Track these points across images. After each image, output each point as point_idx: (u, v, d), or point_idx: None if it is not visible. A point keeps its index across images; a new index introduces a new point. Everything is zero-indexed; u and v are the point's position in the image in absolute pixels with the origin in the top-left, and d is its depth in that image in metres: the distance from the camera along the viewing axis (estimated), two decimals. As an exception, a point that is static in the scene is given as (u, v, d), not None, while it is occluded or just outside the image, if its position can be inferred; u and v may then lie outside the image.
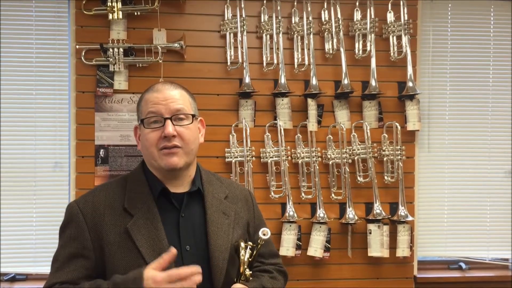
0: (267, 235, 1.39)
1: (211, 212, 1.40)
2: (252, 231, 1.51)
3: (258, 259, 1.50)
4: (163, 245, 1.30)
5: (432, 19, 2.68)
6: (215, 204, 1.42)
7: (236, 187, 1.57)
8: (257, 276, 1.46)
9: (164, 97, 1.35)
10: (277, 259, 1.60)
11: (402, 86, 2.55)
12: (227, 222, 1.42)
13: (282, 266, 1.59)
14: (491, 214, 2.71)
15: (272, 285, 1.45)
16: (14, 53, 2.46)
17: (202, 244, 1.36)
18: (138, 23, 2.43)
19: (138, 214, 1.33)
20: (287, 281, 1.59)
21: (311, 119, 2.46)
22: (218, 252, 1.35)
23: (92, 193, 1.41)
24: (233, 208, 1.47)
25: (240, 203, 1.51)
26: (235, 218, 1.45)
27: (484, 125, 2.71)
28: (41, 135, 2.48)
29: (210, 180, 1.48)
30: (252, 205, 1.57)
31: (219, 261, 1.34)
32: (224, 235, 1.38)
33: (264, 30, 2.48)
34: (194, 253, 1.34)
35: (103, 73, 2.39)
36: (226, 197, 1.47)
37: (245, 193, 1.57)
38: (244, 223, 1.49)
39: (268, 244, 1.54)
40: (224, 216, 1.42)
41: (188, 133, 1.36)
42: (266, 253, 1.54)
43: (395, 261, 2.52)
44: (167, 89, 1.37)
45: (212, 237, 1.36)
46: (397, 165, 2.49)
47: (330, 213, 2.48)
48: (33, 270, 2.46)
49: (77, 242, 1.32)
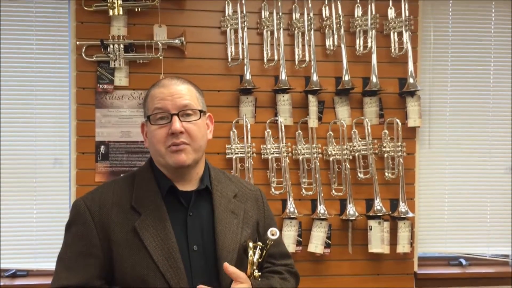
0: (276, 235, 1.33)
1: (219, 211, 1.36)
2: (262, 231, 1.46)
3: (268, 259, 1.46)
4: (171, 244, 1.27)
5: (433, 15, 2.67)
6: (224, 203, 1.39)
7: (246, 185, 1.53)
8: (267, 277, 1.41)
9: (171, 93, 1.32)
10: (288, 260, 1.54)
11: (403, 82, 2.54)
12: (236, 221, 1.38)
13: (294, 267, 1.54)
14: (491, 210, 2.72)
15: (281, 286, 1.40)
16: (14, 49, 2.46)
17: (210, 244, 1.32)
18: (139, 19, 2.43)
19: (146, 212, 1.30)
20: (298, 282, 1.53)
21: (311, 115, 2.46)
22: (226, 252, 1.32)
23: (99, 190, 1.37)
24: (242, 207, 1.43)
25: (249, 202, 1.47)
26: (244, 218, 1.41)
27: (484, 122, 2.71)
28: (42, 131, 2.47)
29: (219, 178, 1.44)
30: (262, 204, 1.52)
31: (227, 261, 1.29)
32: (233, 235, 1.35)
33: (264, 26, 2.47)
34: (201, 253, 1.31)
35: (103, 69, 2.39)
36: (235, 195, 1.43)
37: (255, 192, 1.53)
38: (254, 223, 1.45)
39: (278, 244, 1.51)
40: (233, 215, 1.38)
41: (195, 129, 1.32)
42: (276, 253, 1.49)
43: (395, 257, 2.53)
44: (173, 84, 1.34)
45: (220, 237, 1.32)
46: (398, 162, 2.49)
47: (330, 210, 2.49)
48: (34, 266, 2.46)
49: (85, 240, 1.28)
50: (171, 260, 1.26)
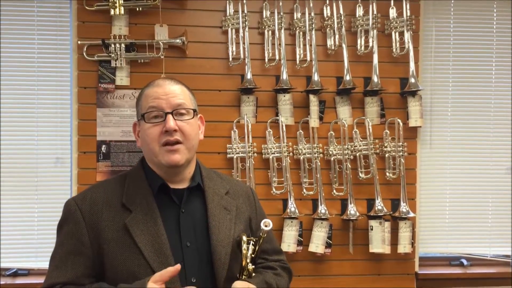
0: (269, 226, 1.36)
1: (212, 207, 1.39)
2: (255, 227, 1.49)
3: (261, 255, 1.49)
4: (162, 240, 1.28)
5: (434, 15, 2.67)
6: (216, 200, 1.41)
7: (236, 183, 1.56)
8: (260, 272, 1.44)
9: (165, 92, 1.35)
10: (281, 256, 1.58)
11: (404, 82, 2.54)
12: (229, 217, 1.41)
13: (286, 263, 1.57)
14: (492, 211, 2.71)
15: (275, 281, 1.43)
16: (15, 49, 2.46)
17: (203, 240, 1.34)
18: (140, 18, 2.43)
19: (137, 210, 1.31)
20: (291, 278, 1.56)
21: (312, 115, 2.46)
22: (220, 247, 1.34)
23: (90, 189, 1.39)
24: (234, 203, 1.45)
25: (241, 198, 1.50)
26: (237, 214, 1.44)
27: (486, 122, 2.71)
28: (43, 131, 2.48)
29: (210, 176, 1.47)
30: (254, 201, 1.56)
31: (221, 255, 1.33)
32: (226, 230, 1.37)
33: (266, 26, 2.47)
34: (195, 249, 1.33)
35: (105, 69, 2.39)
36: (227, 192, 1.46)
37: (246, 189, 1.56)
38: (246, 219, 1.48)
39: (271, 240, 1.54)
40: (226, 211, 1.41)
41: (189, 128, 1.35)
42: (269, 249, 1.53)
43: (396, 257, 2.52)
44: (167, 84, 1.37)
45: (214, 232, 1.35)
46: (399, 162, 2.49)
47: (331, 209, 2.48)
48: (35, 265, 2.47)
49: (75, 239, 1.30)
50: (161, 256, 1.27)
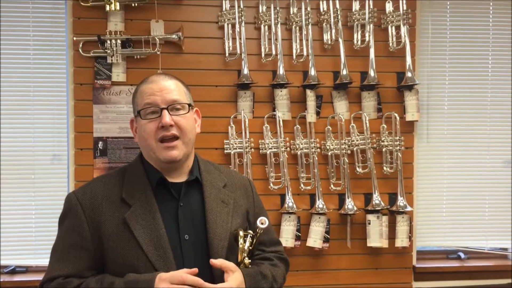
0: (265, 224, 1.39)
1: (209, 200, 1.40)
2: (252, 219, 1.51)
3: (259, 247, 1.51)
4: (161, 234, 1.31)
5: (431, 9, 2.66)
6: (214, 193, 1.43)
7: (235, 175, 1.58)
8: (257, 264, 1.46)
9: (160, 88, 1.36)
10: (279, 247, 1.60)
11: (401, 76, 2.54)
12: (226, 210, 1.42)
13: (283, 254, 1.59)
14: (490, 204, 2.72)
15: (271, 272, 1.45)
16: (11, 46, 2.44)
17: (201, 233, 1.36)
18: (136, 14, 2.42)
19: (136, 204, 1.34)
20: (288, 268, 1.59)
21: (310, 110, 2.46)
22: (217, 241, 1.35)
23: (90, 184, 1.42)
24: (232, 196, 1.47)
25: (239, 191, 1.51)
26: (234, 207, 1.46)
27: (483, 115, 2.71)
28: (39, 128, 2.47)
29: (208, 169, 1.49)
30: (251, 193, 1.57)
31: (218, 249, 1.35)
32: (223, 224, 1.39)
33: (262, 21, 2.47)
34: (193, 242, 1.35)
35: (101, 65, 2.38)
36: (224, 185, 1.48)
37: (244, 182, 1.58)
38: (243, 211, 1.49)
39: (269, 232, 1.55)
40: (223, 204, 1.42)
41: (185, 122, 1.36)
42: (267, 241, 1.54)
43: (394, 251, 2.53)
44: (162, 80, 1.39)
45: (211, 226, 1.37)
46: (396, 156, 2.49)
47: (329, 204, 2.49)
48: (33, 263, 2.46)
49: (76, 233, 1.33)
50: (160, 250, 1.30)
